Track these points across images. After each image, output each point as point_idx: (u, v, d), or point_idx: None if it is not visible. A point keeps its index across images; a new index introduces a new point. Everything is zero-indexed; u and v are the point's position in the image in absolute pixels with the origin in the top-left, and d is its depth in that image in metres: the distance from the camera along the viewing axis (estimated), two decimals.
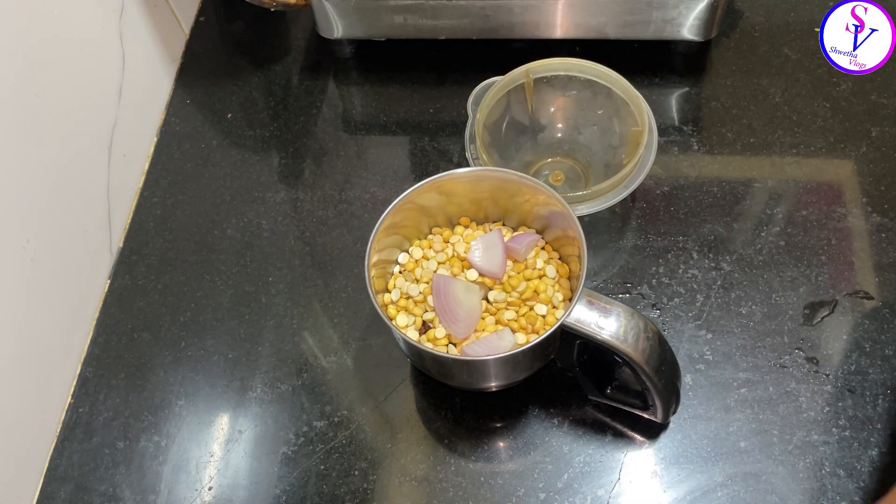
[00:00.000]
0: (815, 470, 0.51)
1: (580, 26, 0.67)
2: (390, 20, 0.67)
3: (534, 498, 0.51)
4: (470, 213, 0.56)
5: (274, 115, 0.71)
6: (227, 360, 0.58)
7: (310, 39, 0.76)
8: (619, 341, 0.45)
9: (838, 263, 0.58)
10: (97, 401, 0.57)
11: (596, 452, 0.52)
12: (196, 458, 0.54)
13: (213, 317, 0.60)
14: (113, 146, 0.64)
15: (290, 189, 0.66)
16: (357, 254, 0.61)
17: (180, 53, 0.76)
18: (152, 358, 0.59)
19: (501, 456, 0.53)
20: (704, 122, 0.67)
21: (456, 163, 0.66)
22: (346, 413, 0.55)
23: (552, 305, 0.52)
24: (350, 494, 0.52)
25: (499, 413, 0.55)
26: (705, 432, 0.53)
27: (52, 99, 0.56)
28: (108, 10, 0.63)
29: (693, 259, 0.60)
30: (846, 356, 0.55)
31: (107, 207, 0.63)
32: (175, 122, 0.71)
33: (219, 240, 0.64)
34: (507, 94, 0.61)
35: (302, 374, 0.57)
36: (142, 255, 0.64)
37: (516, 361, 0.48)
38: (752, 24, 0.72)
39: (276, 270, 0.62)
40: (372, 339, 0.58)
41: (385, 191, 0.65)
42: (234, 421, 0.56)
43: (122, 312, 0.61)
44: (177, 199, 0.67)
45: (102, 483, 0.54)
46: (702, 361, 0.55)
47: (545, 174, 0.63)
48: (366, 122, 0.70)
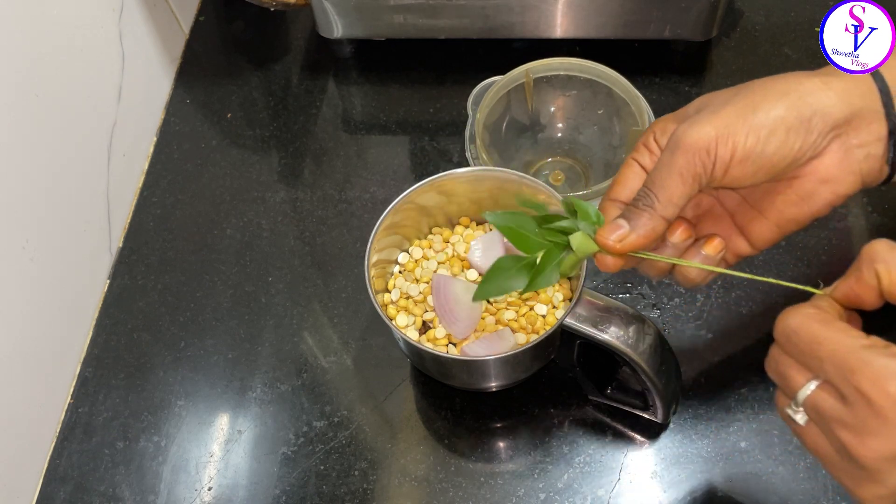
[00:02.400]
0: (815, 470, 0.51)
1: (580, 26, 0.67)
2: (390, 20, 0.67)
3: (534, 498, 0.51)
4: (470, 213, 0.56)
5: (274, 114, 0.71)
6: (226, 360, 0.58)
7: (310, 39, 0.76)
8: (619, 341, 0.45)
9: (838, 263, 0.58)
10: (97, 401, 0.57)
11: (596, 452, 0.52)
12: (196, 458, 0.54)
13: (213, 317, 0.60)
14: (113, 146, 0.64)
15: (289, 189, 0.66)
16: (357, 254, 0.61)
17: (180, 53, 0.76)
18: (152, 358, 0.59)
19: (501, 456, 0.53)
20: None
21: (456, 163, 0.66)
22: (346, 413, 0.55)
23: (552, 305, 0.52)
24: (350, 494, 0.52)
25: (499, 413, 0.55)
26: (705, 432, 0.53)
27: (52, 99, 0.56)
28: (107, 9, 0.63)
29: None
30: None
31: (106, 207, 0.63)
32: (175, 122, 0.71)
33: (219, 240, 0.64)
34: (507, 94, 0.61)
35: (302, 374, 0.57)
36: (141, 255, 0.64)
37: (516, 361, 0.48)
38: (752, 24, 0.72)
39: (276, 270, 0.62)
40: (372, 339, 0.58)
41: (385, 191, 0.65)
42: (233, 421, 0.56)
43: (121, 312, 0.61)
44: (177, 198, 0.67)
45: (102, 483, 0.54)
46: (702, 361, 0.55)
47: (545, 174, 0.63)
48: (366, 122, 0.70)
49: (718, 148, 0.39)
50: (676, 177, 0.39)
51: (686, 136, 0.39)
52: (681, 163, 0.39)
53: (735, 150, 0.39)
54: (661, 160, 0.41)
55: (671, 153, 0.40)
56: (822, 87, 0.39)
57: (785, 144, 0.39)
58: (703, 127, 0.39)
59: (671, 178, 0.40)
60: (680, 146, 0.39)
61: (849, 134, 0.40)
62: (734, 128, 0.39)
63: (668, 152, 0.40)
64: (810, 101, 0.39)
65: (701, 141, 0.39)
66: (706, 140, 0.39)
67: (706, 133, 0.39)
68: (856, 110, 0.39)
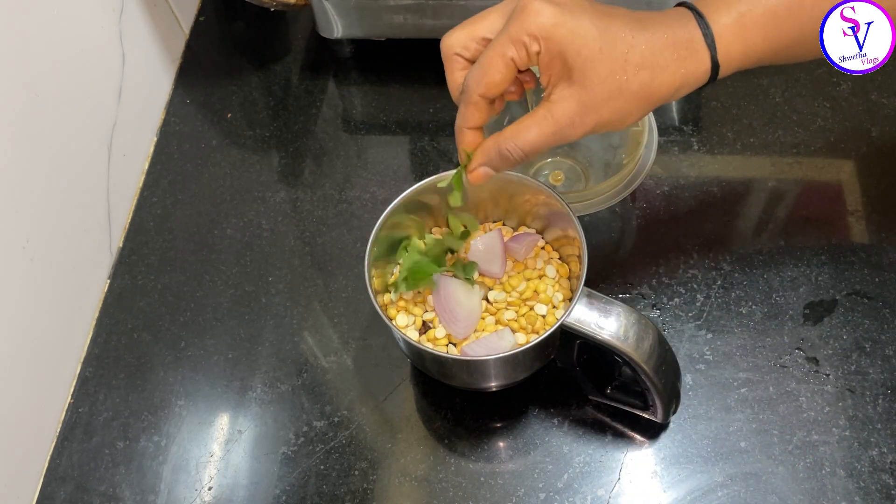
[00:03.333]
0: (815, 470, 0.51)
1: None
2: (390, 20, 0.67)
3: (534, 498, 0.51)
4: (470, 213, 0.56)
5: (274, 115, 0.71)
6: (227, 360, 0.58)
7: (310, 39, 0.76)
8: (619, 341, 0.45)
9: (838, 263, 0.58)
10: (97, 401, 0.57)
11: (596, 452, 0.52)
12: (196, 458, 0.54)
13: (213, 317, 0.60)
14: (113, 146, 0.64)
15: (290, 189, 0.66)
16: (357, 254, 0.61)
17: (180, 53, 0.76)
18: (152, 358, 0.59)
19: (501, 456, 0.53)
20: (704, 122, 0.67)
21: (456, 163, 0.66)
22: (346, 413, 0.55)
23: (552, 305, 0.52)
24: (350, 494, 0.52)
25: (499, 413, 0.55)
26: (705, 432, 0.53)
27: (52, 99, 0.56)
28: (107, 9, 0.63)
29: (693, 259, 0.59)
30: (846, 356, 0.55)
31: (106, 207, 0.63)
32: (175, 122, 0.71)
33: (219, 240, 0.64)
34: None
35: (302, 374, 0.57)
36: (141, 255, 0.64)
37: (516, 361, 0.48)
38: None
39: (276, 270, 0.62)
40: (372, 339, 0.58)
41: (385, 191, 0.65)
42: (234, 421, 0.56)
43: (121, 312, 0.61)
44: (177, 198, 0.67)
45: (102, 483, 0.54)
46: (702, 361, 0.55)
47: (545, 174, 0.63)
48: (366, 122, 0.70)
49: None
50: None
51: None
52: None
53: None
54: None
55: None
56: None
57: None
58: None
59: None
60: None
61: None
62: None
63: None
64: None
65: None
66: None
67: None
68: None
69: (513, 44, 0.41)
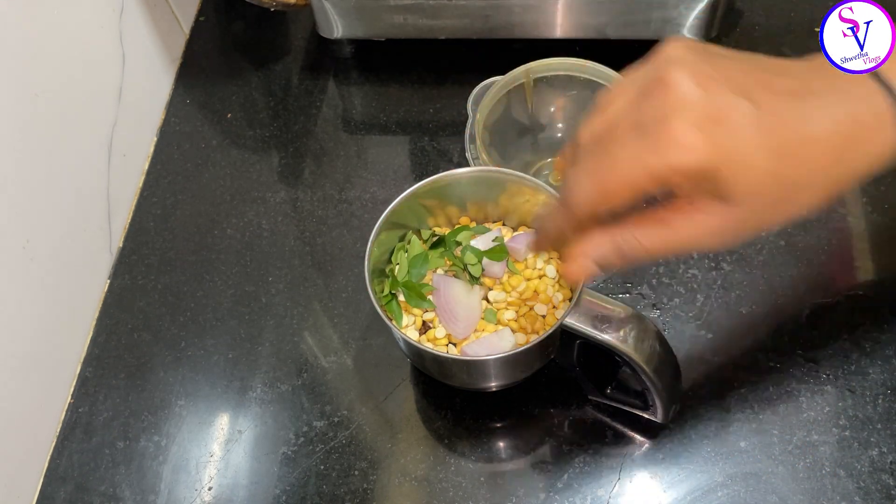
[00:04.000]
0: (815, 470, 0.51)
1: (580, 26, 0.67)
2: (390, 20, 0.67)
3: (534, 498, 0.51)
4: (470, 213, 0.56)
5: (274, 115, 0.71)
6: (227, 360, 0.58)
7: (310, 39, 0.76)
8: (619, 341, 0.45)
9: (838, 263, 0.58)
10: (97, 401, 0.57)
11: (596, 452, 0.52)
12: (196, 458, 0.54)
13: (213, 317, 0.60)
14: (113, 146, 0.64)
15: (290, 189, 0.66)
16: (357, 254, 0.61)
17: (180, 53, 0.76)
18: (152, 358, 0.59)
19: (501, 456, 0.53)
20: None
21: (456, 163, 0.66)
22: (346, 413, 0.55)
23: (552, 305, 0.52)
24: (350, 494, 0.52)
25: (499, 413, 0.55)
26: (705, 432, 0.53)
27: (52, 99, 0.56)
28: (107, 9, 0.63)
29: (693, 259, 0.59)
30: (846, 356, 0.55)
31: (107, 207, 0.63)
32: (175, 122, 0.71)
33: (219, 240, 0.64)
34: (507, 94, 0.61)
35: (302, 374, 0.57)
36: (142, 255, 0.64)
37: (516, 361, 0.48)
38: (752, 24, 0.72)
39: (276, 270, 0.62)
40: (372, 339, 0.58)
41: (385, 191, 0.65)
42: (234, 421, 0.56)
43: (122, 312, 0.61)
44: (177, 199, 0.67)
45: (102, 483, 0.54)
46: (702, 361, 0.55)
47: (545, 174, 0.63)
48: (366, 122, 0.70)
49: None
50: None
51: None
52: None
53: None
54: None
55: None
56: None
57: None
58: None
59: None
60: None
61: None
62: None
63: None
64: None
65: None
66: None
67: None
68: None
69: (651, 178, 0.33)
